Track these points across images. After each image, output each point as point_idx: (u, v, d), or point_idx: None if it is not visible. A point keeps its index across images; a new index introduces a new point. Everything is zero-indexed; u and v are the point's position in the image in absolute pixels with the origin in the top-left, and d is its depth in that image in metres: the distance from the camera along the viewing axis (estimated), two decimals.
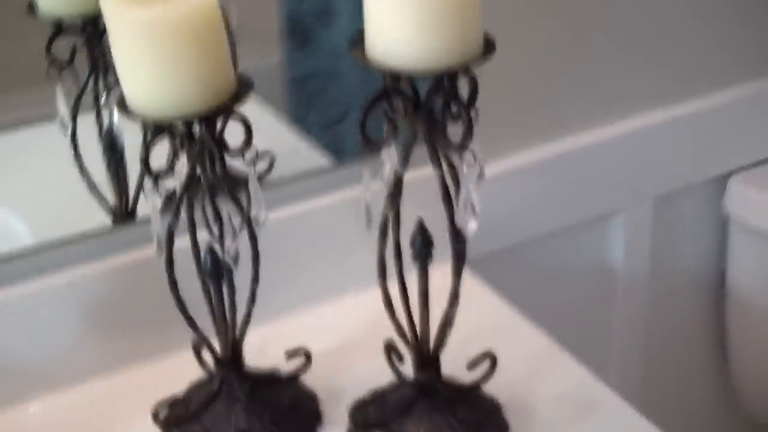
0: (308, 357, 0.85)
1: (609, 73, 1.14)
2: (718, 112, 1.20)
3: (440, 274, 0.78)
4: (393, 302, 0.78)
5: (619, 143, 1.15)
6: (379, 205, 0.75)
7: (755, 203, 1.25)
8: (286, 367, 0.86)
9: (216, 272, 0.78)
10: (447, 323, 0.78)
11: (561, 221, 1.16)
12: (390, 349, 0.81)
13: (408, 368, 0.82)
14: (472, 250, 1.07)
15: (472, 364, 0.83)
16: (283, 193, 0.96)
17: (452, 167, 0.73)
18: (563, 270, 1.21)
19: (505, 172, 1.10)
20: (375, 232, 0.76)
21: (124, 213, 0.95)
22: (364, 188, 0.72)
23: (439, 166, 0.72)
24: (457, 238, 0.74)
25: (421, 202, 0.78)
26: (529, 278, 1.18)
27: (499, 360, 0.85)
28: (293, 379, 0.85)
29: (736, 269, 1.31)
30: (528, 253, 1.16)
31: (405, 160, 0.72)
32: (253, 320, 0.84)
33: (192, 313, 0.79)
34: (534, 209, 1.13)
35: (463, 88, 0.73)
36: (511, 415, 0.85)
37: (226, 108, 0.72)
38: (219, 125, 0.73)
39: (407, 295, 0.78)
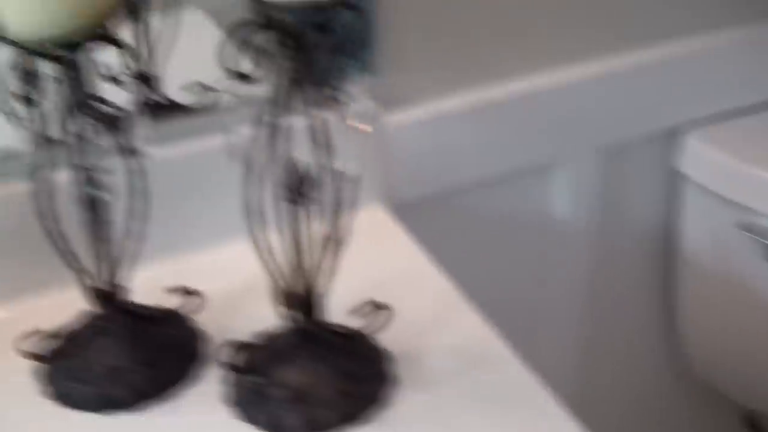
0: (192, 294, 0.83)
1: (554, 16, 1.10)
2: (666, 63, 1.16)
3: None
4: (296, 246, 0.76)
5: (562, 91, 1.12)
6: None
7: (710, 163, 1.22)
8: (183, 306, 0.85)
9: (92, 205, 0.76)
10: (327, 270, 0.76)
11: (499, 169, 1.13)
12: (278, 294, 0.79)
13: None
14: (401, 195, 1.05)
15: (356, 312, 0.81)
16: (198, 125, 0.94)
17: (335, 109, 0.71)
18: (503, 221, 1.18)
19: (439, 115, 1.07)
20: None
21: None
22: (229, 127, 0.69)
23: (311, 106, 0.69)
24: (333, 182, 0.71)
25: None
26: (467, 228, 1.15)
27: (398, 309, 0.83)
28: (178, 317, 0.83)
29: (688, 229, 1.27)
30: (465, 201, 1.13)
31: (278, 98, 0.69)
32: (154, 259, 0.83)
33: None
34: (469, 155, 1.10)
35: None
36: (402, 367, 0.83)
37: (98, 31, 0.69)
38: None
39: (297, 240, 0.75)
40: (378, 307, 0.81)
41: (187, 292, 0.84)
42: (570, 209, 1.19)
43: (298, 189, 0.72)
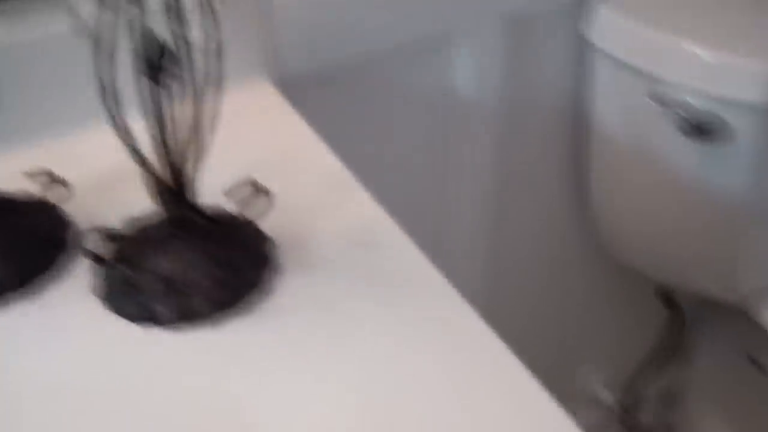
0: (55, 180, 0.77)
1: None
2: None
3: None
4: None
5: None
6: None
7: (621, 32, 1.17)
8: (47, 193, 0.79)
9: None
10: (197, 152, 0.70)
11: (396, 40, 1.06)
12: (147, 179, 0.73)
13: None
14: (289, 71, 0.99)
15: (234, 195, 0.76)
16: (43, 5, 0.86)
17: None
18: (402, 96, 1.12)
19: None
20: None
21: None
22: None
23: None
24: (195, 57, 0.65)
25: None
26: (362, 104, 1.10)
27: (282, 191, 0.78)
28: (41, 205, 0.77)
29: (599, 102, 1.23)
30: (360, 75, 1.07)
31: None
32: (12, 147, 0.80)
33: None
34: (363, 26, 1.03)
35: None
36: (285, 252, 0.78)
37: None
38: None
39: (161, 120, 0.69)
40: (258, 188, 0.76)
41: (50, 177, 0.77)
42: (474, 83, 1.14)
43: (156, 65, 0.65)
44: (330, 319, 0.73)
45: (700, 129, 1.11)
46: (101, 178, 0.84)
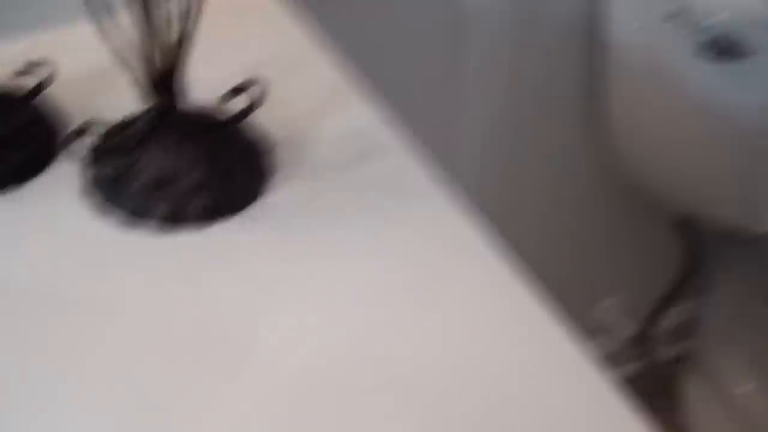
0: (41, 65, 0.75)
1: None
2: None
3: None
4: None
5: None
6: None
7: None
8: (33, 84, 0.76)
9: None
10: (180, 43, 0.68)
11: None
12: (136, 75, 0.71)
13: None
14: None
15: (227, 96, 0.73)
16: None
17: None
18: (411, 3, 1.08)
19: None
20: None
21: None
22: None
23: None
24: None
25: None
26: (369, 9, 1.06)
27: (279, 95, 0.75)
28: (27, 98, 0.75)
29: (614, 22, 1.19)
30: None
31: None
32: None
33: None
34: None
35: None
36: (279, 157, 0.76)
37: None
38: None
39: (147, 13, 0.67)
40: (255, 90, 0.73)
41: (35, 64, 0.75)
42: None
43: None
44: (324, 227, 0.71)
45: (719, 49, 1.08)
46: (94, 74, 0.81)
